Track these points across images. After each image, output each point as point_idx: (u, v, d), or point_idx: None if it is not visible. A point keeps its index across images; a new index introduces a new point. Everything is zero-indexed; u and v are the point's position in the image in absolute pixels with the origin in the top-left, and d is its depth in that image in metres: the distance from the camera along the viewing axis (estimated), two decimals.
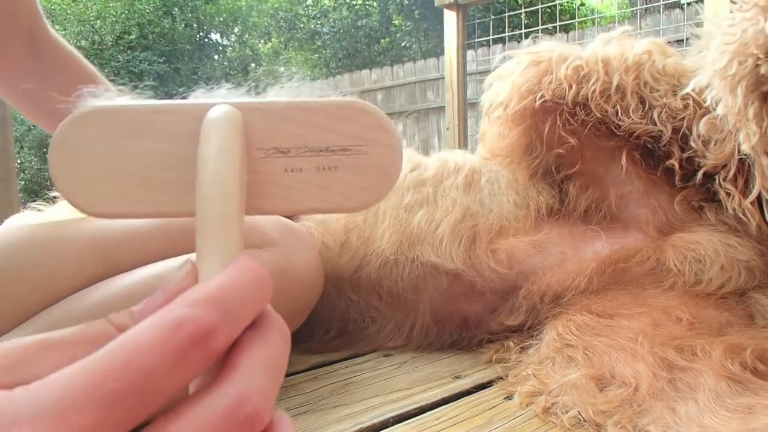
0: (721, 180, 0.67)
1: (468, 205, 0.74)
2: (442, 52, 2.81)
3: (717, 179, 0.68)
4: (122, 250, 0.56)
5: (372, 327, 0.77)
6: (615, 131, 0.71)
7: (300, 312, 0.66)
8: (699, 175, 0.69)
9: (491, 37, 2.94)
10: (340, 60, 8.19)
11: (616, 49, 0.71)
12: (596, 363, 0.55)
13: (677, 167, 0.69)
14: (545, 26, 2.82)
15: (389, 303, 0.76)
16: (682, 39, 2.18)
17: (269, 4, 9.27)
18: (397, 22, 8.29)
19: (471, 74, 2.67)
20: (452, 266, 0.72)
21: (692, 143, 0.68)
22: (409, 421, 0.55)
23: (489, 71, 0.80)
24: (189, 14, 8.54)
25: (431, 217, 0.74)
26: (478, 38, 2.93)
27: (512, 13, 3.16)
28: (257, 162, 0.24)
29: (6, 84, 0.66)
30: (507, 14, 2.89)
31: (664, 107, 0.68)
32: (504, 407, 0.58)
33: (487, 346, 0.73)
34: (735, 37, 0.58)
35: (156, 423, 0.17)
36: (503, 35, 2.83)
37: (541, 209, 0.75)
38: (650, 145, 0.71)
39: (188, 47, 8.48)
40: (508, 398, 0.59)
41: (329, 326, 0.78)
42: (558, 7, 2.98)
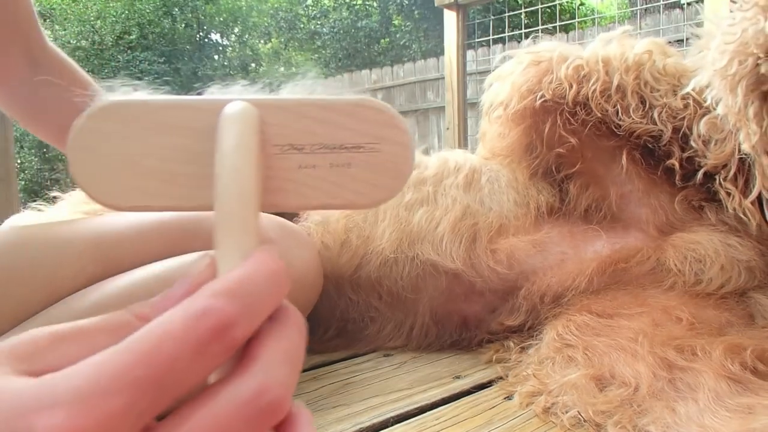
0: (722, 180, 0.67)
1: (468, 204, 0.74)
2: (442, 52, 2.81)
3: (717, 179, 0.68)
4: (122, 250, 0.56)
5: (372, 327, 0.77)
6: (615, 131, 0.71)
7: (300, 311, 0.66)
8: (699, 175, 0.69)
9: (491, 37, 2.94)
10: (340, 60, 8.19)
11: (617, 49, 0.71)
12: (596, 363, 0.55)
13: (677, 167, 0.69)
14: (545, 26, 2.82)
15: (389, 302, 0.76)
16: (682, 39, 2.18)
17: (269, 4, 9.27)
18: (397, 22, 8.29)
19: (471, 74, 2.67)
20: (452, 265, 0.72)
21: (692, 143, 0.68)
22: (409, 421, 0.55)
23: (489, 71, 0.80)
24: (189, 14, 8.54)
25: (431, 216, 0.74)
26: (478, 38, 2.93)
27: (512, 13, 3.16)
28: (272, 158, 0.24)
29: (4, 96, 0.66)
30: (507, 14, 2.89)
31: (665, 107, 0.68)
32: (504, 407, 0.58)
33: (487, 346, 0.72)
34: (735, 37, 0.58)
35: (179, 412, 0.18)
36: (503, 35, 2.83)
37: (542, 207, 0.75)
38: (651, 145, 0.71)
39: (188, 47, 8.48)
40: (508, 398, 0.59)
41: (329, 326, 0.78)
42: (558, 7, 2.98)
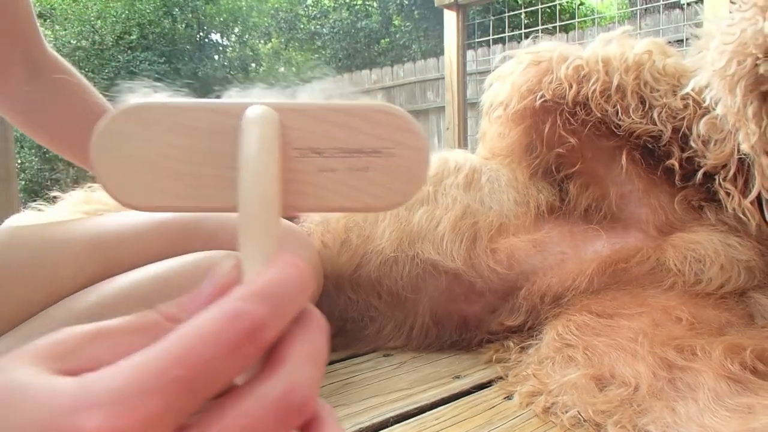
0: (721, 180, 0.67)
1: (468, 203, 0.74)
2: (442, 52, 2.81)
3: (717, 179, 0.68)
4: (122, 250, 0.56)
5: (371, 327, 0.77)
6: (615, 131, 0.71)
7: None
8: (699, 175, 0.69)
9: (491, 37, 2.94)
10: (340, 60, 8.19)
11: (617, 49, 0.71)
12: (596, 363, 0.55)
13: (677, 167, 0.69)
14: (545, 26, 2.82)
15: (389, 302, 0.76)
16: (682, 39, 2.18)
17: (269, 5, 9.27)
18: (397, 23, 8.29)
19: (471, 74, 2.66)
20: (452, 265, 0.72)
21: (692, 143, 0.68)
22: (409, 421, 0.55)
23: (489, 71, 0.80)
24: (189, 14, 8.54)
25: (431, 215, 0.74)
26: (478, 38, 2.93)
27: (512, 13, 3.16)
28: (293, 161, 0.25)
29: (2, 100, 0.66)
30: (507, 14, 2.89)
31: (664, 107, 0.68)
32: (504, 407, 0.58)
33: (487, 346, 0.73)
34: (734, 37, 0.58)
35: (211, 411, 0.18)
36: (503, 35, 2.83)
37: (542, 207, 0.75)
38: (650, 145, 0.71)
39: (188, 47, 8.48)
40: (508, 398, 0.59)
41: (328, 325, 0.78)
42: (558, 7, 2.98)
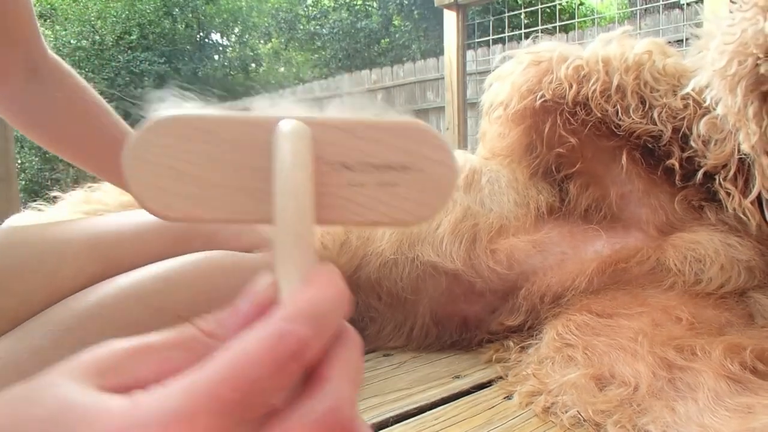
0: (721, 180, 0.67)
1: (468, 205, 0.74)
2: (442, 52, 2.81)
3: (717, 179, 0.68)
4: (122, 250, 0.56)
5: (371, 327, 0.77)
6: (615, 131, 0.71)
7: None
8: (699, 175, 0.69)
9: (491, 38, 2.94)
10: (340, 60, 8.19)
11: (617, 49, 0.71)
12: (596, 362, 0.55)
13: (677, 167, 0.69)
14: (545, 26, 2.81)
15: (389, 303, 0.76)
16: (682, 39, 2.18)
17: (269, 5, 9.27)
18: (397, 23, 8.29)
19: (471, 74, 2.66)
20: (452, 266, 0.72)
21: (692, 143, 0.68)
22: (409, 421, 0.55)
23: (489, 71, 0.80)
24: (189, 15, 8.54)
25: None
26: (478, 38, 2.93)
27: (512, 13, 3.16)
28: (323, 175, 0.25)
29: (2, 101, 0.66)
30: (507, 14, 2.89)
31: (665, 107, 0.68)
32: (503, 407, 0.58)
33: (487, 346, 0.73)
34: (734, 37, 0.58)
35: (256, 431, 0.19)
36: (503, 35, 2.83)
37: (541, 208, 0.75)
38: (650, 145, 0.71)
39: (188, 47, 8.48)
40: (508, 398, 0.59)
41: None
42: (558, 7, 2.98)
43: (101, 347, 0.20)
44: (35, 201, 0.86)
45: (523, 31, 2.82)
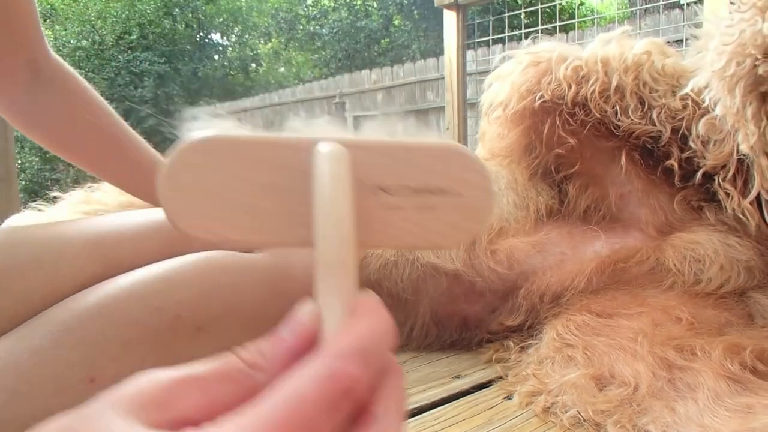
0: (720, 180, 0.67)
1: None
2: (442, 52, 2.81)
3: (716, 179, 0.68)
4: (122, 250, 0.56)
5: None
6: (614, 131, 0.71)
7: None
8: (698, 176, 0.69)
9: (491, 38, 2.94)
10: (340, 60, 8.19)
11: (616, 50, 0.71)
12: (596, 362, 0.55)
13: (676, 167, 0.69)
14: (545, 26, 2.81)
15: (389, 304, 0.75)
16: (682, 39, 2.18)
17: (269, 5, 9.27)
18: (397, 23, 8.29)
19: (471, 74, 2.66)
20: (452, 267, 0.72)
21: (691, 143, 0.68)
22: (409, 421, 0.55)
23: (489, 71, 0.80)
24: (189, 14, 8.54)
25: None
26: (478, 38, 2.93)
27: (512, 14, 3.16)
28: (361, 198, 0.24)
29: (3, 102, 0.66)
30: (507, 14, 2.89)
31: (663, 107, 0.68)
32: (503, 407, 0.58)
33: (487, 346, 0.73)
34: (733, 38, 0.58)
35: None
36: (503, 35, 2.83)
37: (541, 210, 0.75)
38: (649, 146, 0.71)
39: (188, 47, 8.48)
40: (508, 398, 0.60)
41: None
42: (558, 8, 2.98)
43: (144, 377, 0.19)
44: (35, 201, 0.86)
45: (523, 31, 2.82)
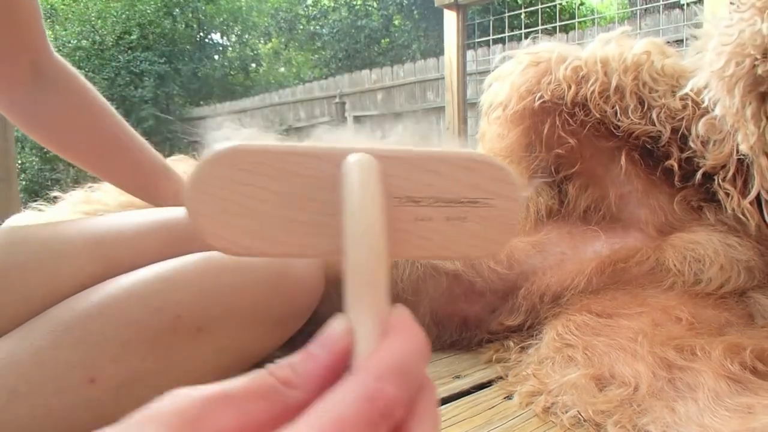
0: (720, 180, 0.67)
1: None
2: (442, 52, 2.81)
3: (716, 179, 0.68)
4: (122, 250, 0.56)
5: None
6: (614, 131, 0.71)
7: (299, 315, 0.66)
8: (698, 176, 0.69)
9: (491, 38, 2.94)
10: (340, 60, 8.19)
11: (615, 50, 0.71)
12: (596, 363, 0.55)
13: (676, 167, 0.70)
14: (545, 26, 2.81)
15: None
16: (682, 39, 2.18)
17: (269, 4, 9.27)
18: (397, 22, 8.29)
19: (471, 74, 2.66)
20: (452, 267, 0.72)
21: (691, 143, 0.68)
22: None
23: (489, 71, 0.80)
24: (189, 15, 8.54)
25: None
26: (478, 38, 2.93)
27: (512, 14, 3.16)
28: (391, 210, 0.24)
29: (5, 102, 0.66)
30: (507, 14, 2.89)
31: (663, 107, 0.68)
32: (503, 407, 0.58)
33: (487, 346, 0.73)
34: (732, 38, 0.58)
35: None
36: (503, 35, 2.83)
37: (541, 211, 0.75)
38: (649, 146, 0.71)
39: (189, 47, 8.48)
40: (508, 398, 0.60)
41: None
42: (558, 8, 2.98)
43: (180, 395, 0.19)
44: (35, 201, 0.86)
45: (523, 31, 2.82)
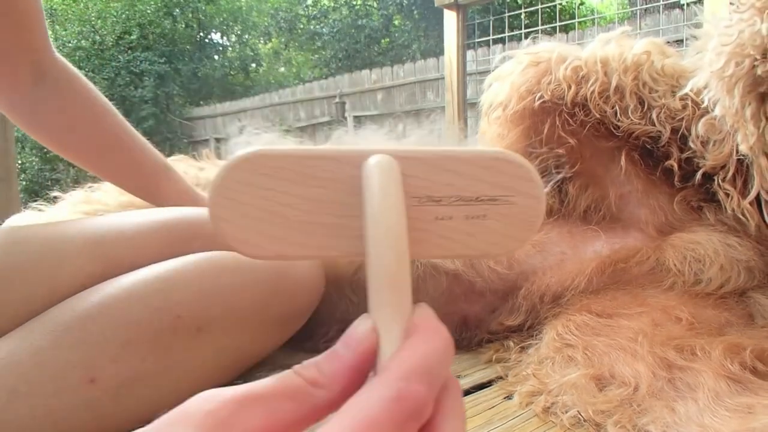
0: (720, 180, 0.67)
1: None
2: (442, 52, 2.81)
3: (716, 180, 0.68)
4: (122, 250, 0.56)
5: None
6: (614, 132, 0.71)
7: (300, 314, 0.66)
8: (698, 176, 0.69)
9: (491, 38, 2.94)
10: (340, 60, 8.19)
11: (615, 50, 0.71)
12: (596, 363, 0.55)
13: (676, 168, 0.70)
14: (545, 27, 2.81)
15: None
16: (682, 39, 2.18)
17: (269, 4, 9.28)
18: (397, 22, 8.29)
19: (471, 74, 2.66)
20: (452, 267, 0.72)
21: (691, 144, 0.68)
22: None
23: (489, 71, 0.80)
24: (189, 14, 8.55)
25: None
26: (478, 38, 2.93)
27: (512, 14, 3.16)
28: (411, 210, 0.24)
29: (6, 102, 0.66)
30: (507, 14, 2.89)
31: (663, 108, 0.68)
32: (504, 407, 0.58)
33: (487, 346, 0.73)
34: (732, 38, 0.58)
35: None
36: (503, 35, 2.83)
37: None
38: (649, 146, 0.71)
39: (189, 47, 8.49)
40: (508, 398, 0.60)
41: (329, 327, 0.78)
42: (558, 8, 2.98)
43: (209, 397, 0.20)
44: (35, 201, 0.86)
45: (523, 32, 2.82)
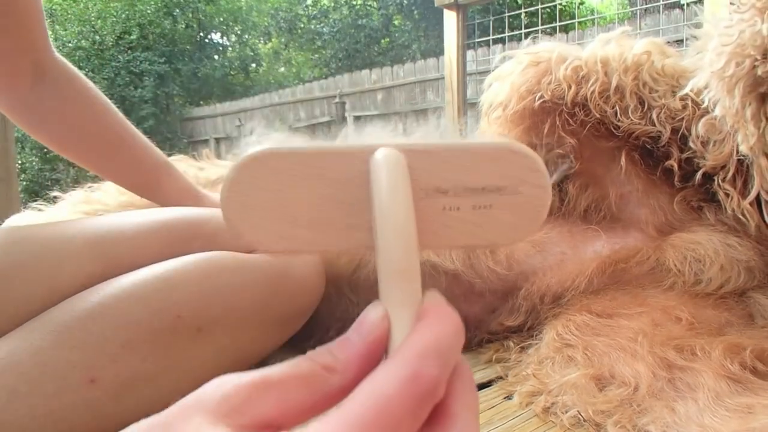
0: (720, 180, 0.67)
1: None
2: (442, 52, 2.81)
3: (716, 180, 0.68)
4: (122, 250, 0.56)
5: None
6: (614, 131, 0.71)
7: (300, 314, 0.66)
8: (698, 176, 0.69)
9: (491, 38, 2.94)
10: (340, 60, 8.19)
11: (615, 50, 0.71)
12: (596, 363, 0.55)
13: (676, 168, 0.70)
14: (545, 27, 2.81)
15: None
16: (682, 39, 2.18)
17: (269, 4, 9.28)
18: (397, 22, 8.29)
19: (471, 74, 2.66)
20: (452, 266, 0.72)
21: (691, 144, 0.68)
22: None
23: (489, 71, 0.80)
24: (189, 15, 8.55)
25: None
26: (478, 38, 2.93)
27: (512, 14, 3.16)
28: (418, 201, 0.25)
29: (6, 102, 0.66)
30: (507, 14, 2.89)
31: (663, 108, 0.68)
32: (504, 407, 0.58)
33: (487, 346, 0.73)
34: (732, 39, 0.58)
35: None
36: (503, 35, 2.83)
37: None
38: (649, 146, 0.71)
39: (189, 47, 8.49)
40: (508, 398, 0.60)
41: (329, 326, 0.78)
42: (558, 8, 2.98)
43: (225, 383, 0.20)
44: (35, 201, 0.86)
45: (523, 32, 2.82)
